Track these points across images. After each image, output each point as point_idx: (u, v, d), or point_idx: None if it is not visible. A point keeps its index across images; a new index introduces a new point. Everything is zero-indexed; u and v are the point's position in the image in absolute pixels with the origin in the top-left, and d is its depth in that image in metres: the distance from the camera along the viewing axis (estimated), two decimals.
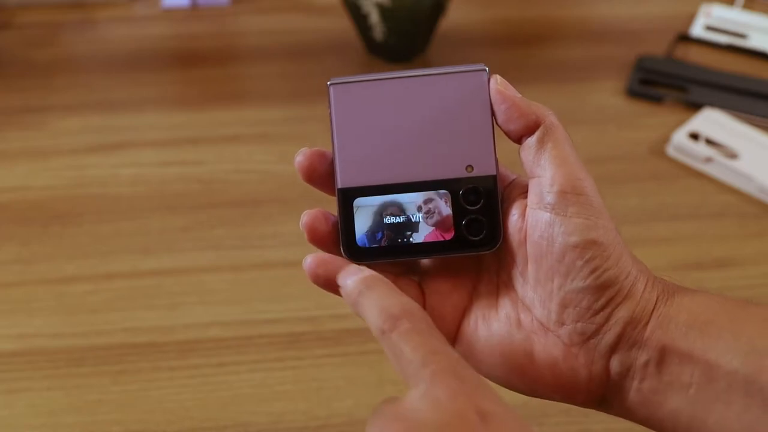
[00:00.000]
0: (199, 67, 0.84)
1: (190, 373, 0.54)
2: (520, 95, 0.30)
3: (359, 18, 0.79)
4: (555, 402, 0.51)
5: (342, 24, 0.86)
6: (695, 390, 0.27)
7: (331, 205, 0.33)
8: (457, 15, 0.88)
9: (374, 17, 0.76)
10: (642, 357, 0.28)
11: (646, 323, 0.28)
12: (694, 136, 0.71)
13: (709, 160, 0.69)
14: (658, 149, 0.72)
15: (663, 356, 0.27)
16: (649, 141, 0.73)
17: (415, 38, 0.81)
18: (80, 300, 0.59)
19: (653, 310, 0.28)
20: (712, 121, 0.72)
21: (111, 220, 0.66)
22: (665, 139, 0.72)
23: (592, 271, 0.27)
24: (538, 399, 0.51)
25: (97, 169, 0.71)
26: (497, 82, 0.30)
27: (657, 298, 0.28)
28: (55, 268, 0.61)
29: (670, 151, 0.71)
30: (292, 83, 0.81)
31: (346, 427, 0.51)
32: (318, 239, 0.31)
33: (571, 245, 0.27)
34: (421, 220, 0.30)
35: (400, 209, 0.30)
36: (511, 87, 0.30)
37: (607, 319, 0.28)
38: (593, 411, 0.51)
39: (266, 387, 0.53)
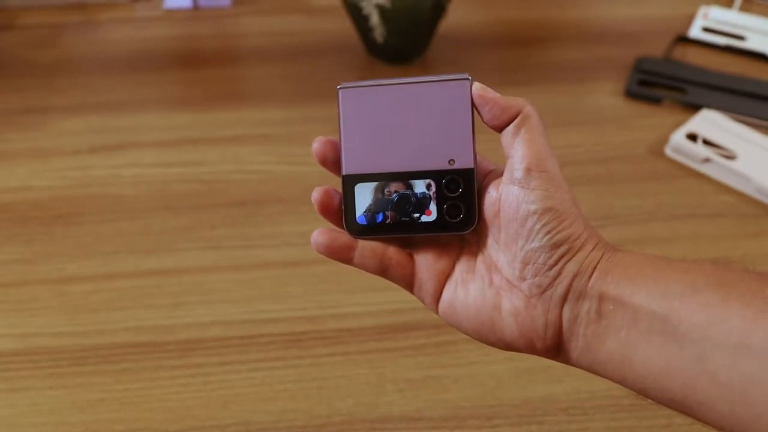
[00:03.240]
0: (200, 68, 0.85)
1: (192, 372, 0.54)
2: (498, 95, 0.34)
3: (360, 19, 0.79)
4: (555, 401, 0.51)
5: (343, 25, 0.86)
6: (625, 332, 0.31)
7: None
8: (457, 16, 0.88)
9: (375, 18, 0.76)
10: (585, 305, 0.32)
11: (590, 276, 0.32)
12: (693, 137, 0.71)
13: (707, 160, 0.69)
14: (657, 150, 0.72)
15: (601, 304, 0.32)
16: (647, 141, 0.73)
17: (415, 39, 0.81)
18: (82, 299, 0.59)
19: (596, 265, 0.33)
20: (710, 122, 0.73)
21: (113, 220, 0.66)
22: (664, 139, 0.73)
23: (548, 233, 0.32)
24: (538, 399, 0.51)
25: (99, 169, 0.71)
26: (478, 87, 0.35)
27: (602, 256, 0.33)
28: (57, 268, 0.62)
29: (669, 151, 0.72)
30: (293, 84, 0.82)
31: (347, 425, 0.51)
32: (326, 211, 0.36)
33: (532, 211, 0.33)
34: (410, 203, 0.35)
35: (394, 193, 0.35)
36: (490, 90, 0.35)
37: (559, 273, 0.33)
38: (592, 409, 0.51)
39: (267, 386, 0.53)
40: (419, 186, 0.35)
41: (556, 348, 0.33)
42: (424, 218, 0.35)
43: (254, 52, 0.87)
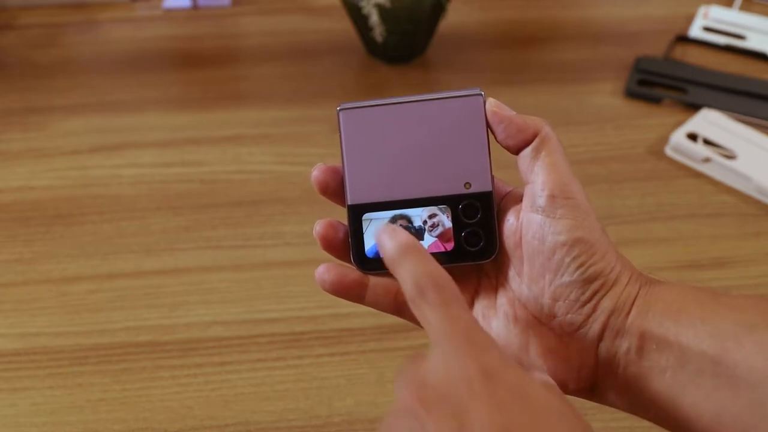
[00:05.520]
0: (200, 67, 0.85)
1: (192, 372, 0.54)
2: (514, 113, 0.32)
3: (360, 19, 0.79)
4: None
5: (342, 25, 0.87)
6: (671, 373, 0.29)
7: (329, 205, 0.35)
8: (457, 16, 0.88)
9: (374, 18, 0.76)
10: (624, 344, 0.30)
11: (628, 312, 0.30)
12: (693, 137, 0.71)
13: (707, 160, 0.69)
14: (657, 150, 0.72)
15: (642, 343, 0.29)
16: (647, 141, 0.73)
17: (414, 39, 0.81)
18: (82, 299, 0.59)
19: (634, 301, 0.30)
20: (710, 121, 0.73)
21: (113, 220, 0.66)
22: (664, 139, 0.73)
23: (579, 266, 0.30)
24: None
25: (99, 169, 0.71)
26: (492, 104, 0.32)
27: (638, 291, 0.30)
28: (57, 268, 0.62)
29: (669, 151, 0.72)
30: (293, 84, 0.82)
31: (347, 425, 0.51)
32: (330, 247, 0.33)
33: (560, 243, 0.30)
34: (424, 232, 0.33)
35: (405, 223, 0.33)
36: (505, 107, 0.32)
37: (594, 310, 0.30)
38: (591, 409, 0.51)
39: (267, 386, 0.53)
40: (434, 213, 0.32)
41: (590, 388, 0.31)
42: (442, 248, 0.32)
43: (254, 52, 0.87)
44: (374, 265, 0.33)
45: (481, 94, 0.32)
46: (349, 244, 0.33)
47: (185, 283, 0.60)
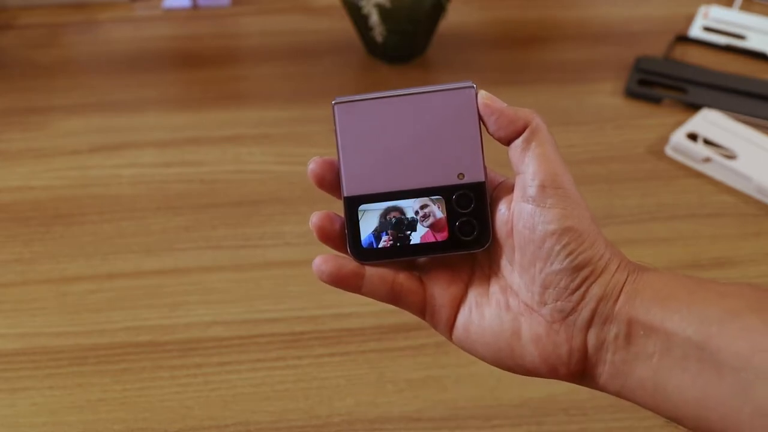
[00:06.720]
0: (200, 67, 0.85)
1: (192, 372, 0.54)
2: (506, 104, 0.33)
3: (359, 19, 0.79)
4: (555, 401, 0.51)
5: (342, 25, 0.86)
6: (657, 358, 0.29)
7: (329, 205, 0.35)
8: (457, 16, 0.88)
9: (374, 18, 0.76)
10: (613, 330, 0.30)
11: (616, 299, 0.31)
12: (693, 137, 0.71)
13: (707, 160, 0.69)
14: (657, 149, 0.72)
15: (630, 329, 0.30)
16: (647, 141, 0.73)
17: (414, 39, 0.81)
18: (82, 299, 0.59)
19: (622, 288, 0.31)
20: (710, 121, 0.73)
21: (113, 220, 0.66)
22: (664, 139, 0.73)
23: (568, 254, 0.30)
24: (538, 399, 0.51)
25: (99, 169, 0.71)
26: (484, 96, 0.33)
27: (627, 278, 0.31)
28: (57, 268, 0.62)
29: (669, 151, 0.72)
30: (293, 84, 0.82)
31: (347, 425, 0.51)
32: (326, 238, 0.34)
33: (550, 232, 0.30)
34: (419, 223, 0.33)
35: (400, 214, 0.33)
36: (497, 99, 0.33)
37: (583, 297, 0.31)
38: (592, 409, 0.51)
39: (267, 386, 0.53)
40: (428, 204, 0.33)
41: (581, 374, 0.32)
42: (436, 238, 0.33)
43: (254, 52, 0.87)
44: (370, 255, 0.33)
45: (473, 87, 0.33)
46: (344, 236, 0.34)
47: (185, 283, 0.60)
